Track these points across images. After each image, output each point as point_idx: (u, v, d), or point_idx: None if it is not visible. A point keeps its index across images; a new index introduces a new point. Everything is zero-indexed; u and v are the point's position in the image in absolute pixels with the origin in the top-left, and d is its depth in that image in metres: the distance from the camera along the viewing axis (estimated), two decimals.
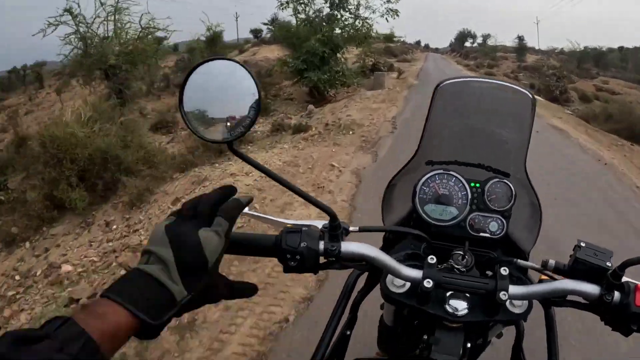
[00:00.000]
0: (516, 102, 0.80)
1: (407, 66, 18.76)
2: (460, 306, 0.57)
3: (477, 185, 0.70)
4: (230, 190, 0.48)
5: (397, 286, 0.59)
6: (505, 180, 0.69)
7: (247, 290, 0.50)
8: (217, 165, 4.83)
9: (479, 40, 55.03)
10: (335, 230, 0.55)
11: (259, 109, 0.47)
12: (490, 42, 49.58)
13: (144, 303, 0.36)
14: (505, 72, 18.81)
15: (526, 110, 0.77)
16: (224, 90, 0.49)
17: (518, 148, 0.77)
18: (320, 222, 0.58)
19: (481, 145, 0.79)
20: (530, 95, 0.78)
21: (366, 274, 0.72)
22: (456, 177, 0.70)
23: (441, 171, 0.70)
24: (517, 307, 0.58)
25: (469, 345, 0.61)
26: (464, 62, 29.34)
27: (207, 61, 0.47)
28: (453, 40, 66.62)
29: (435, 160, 0.75)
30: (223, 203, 0.46)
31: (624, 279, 0.53)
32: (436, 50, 71.05)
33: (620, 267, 0.52)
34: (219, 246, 0.43)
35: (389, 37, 47.86)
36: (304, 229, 0.54)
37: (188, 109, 0.47)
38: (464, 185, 0.70)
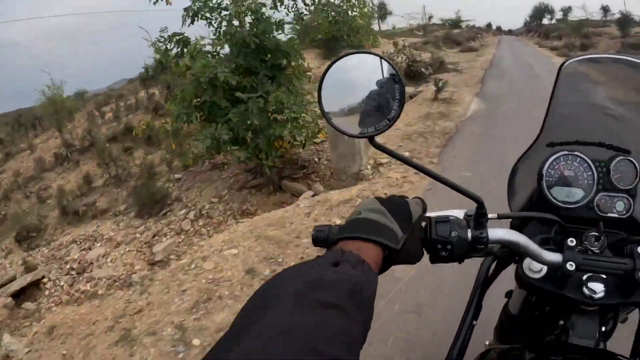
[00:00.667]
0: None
1: (472, 59, 15.94)
2: (598, 289, 0.58)
3: (603, 164, 0.71)
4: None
5: (534, 271, 0.62)
6: (629, 158, 0.70)
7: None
8: None
9: (558, 15, 47.32)
10: (482, 217, 0.57)
11: (403, 102, 0.49)
12: (571, 16, 43.83)
13: (383, 236, 0.46)
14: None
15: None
16: (363, 83, 0.50)
17: (636, 122, 0.77)
18: (459, 211, 0.60)
19: (601, 123, 0.80)
20: None
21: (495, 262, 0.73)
22: (581, 157, 0.71)
23: (566, 152, 0.72)
24: None
25: (603, 329, 0.63)
26: (547, 43, 24.78)
27: (343, 57, 0.49)
28: (527, 19, 58.90)
29: (556, 142, 0.77)
30: None
31: None
32: (509, 32, 64.00)
33: None
34: (419, 211, 0.55)
35: (456, 22, 43.49)
36: (451, 218, 0.56)
37: (329, 107, 0.50)
38: (589, 165, 0.71)
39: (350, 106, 0.50)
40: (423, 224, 0.56)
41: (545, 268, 0.62)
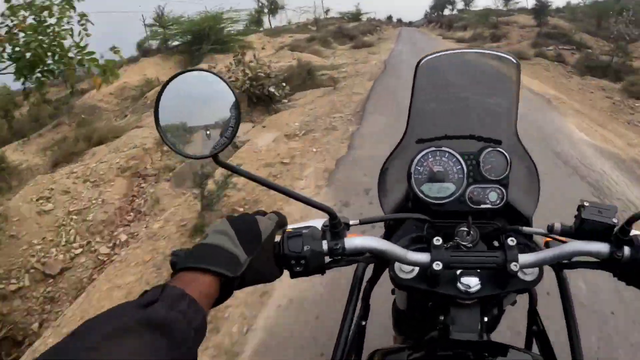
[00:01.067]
0: (500, 69, 0.84)
1: (362, 58, 12.14)
2: (472, 283, 0.59)
3: (472, 157, 0.73)
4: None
5: (406, 272, 0.62)
6: (498, 149, 0.73)
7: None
8: None
9: (460, 5, 48.24)
10: (336, 228, 0.57)
11: (239, 119, 0.50)
12: (472, 6, 44.83)
13: (219, 264, 0.46)
14: (518, 46, 12.18)
15: (511, 75, 0.81)
16: (201, 102, 0.51)
17: (507, 114, 0.81)
18: (319, 221, 0.61)
19: (469, 116, 0.82)
20: (514, 60, 0.82)
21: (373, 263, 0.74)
22: (449, 152, 0.73)
23: (433, 148, 0.73)
24: (529, 275, 0.61)
25: (485, 319, 0.65)
26: (451, 34, 23.33)
27: (178, 75, 0.50)
28: (428, 10, 60.15)
29: (425, 138, 0.78)
30: None
31: (633, 232, 0.56)
32: (410, 24, 65.21)
33: (627, 222, 0.55)
34: (270, 227, 0.55)
35: (356, 15, 41.35)
36: (304, 231, 0.56)
37: (165, 127, 0.50)
38: (458, 159, 0.73)
39: (189, 125, 0.51)
40: (278, 239, 0.56)
41: (417, 268, 0.62)
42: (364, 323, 0.81)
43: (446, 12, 49.22)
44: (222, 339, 1.84)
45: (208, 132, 0.50)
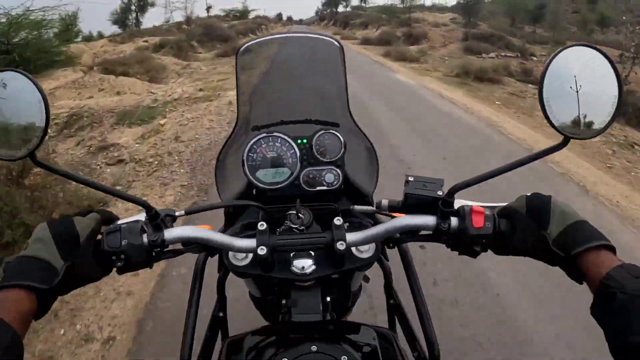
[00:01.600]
0: (325, 52, 0.87)
1: (221, 76, 8.42)
2: (306, 264, 0.61)
3: (304, 140, 0.75)
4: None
5: (240, 259, 0.64)
6: (331, 131, 0.75)
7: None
8: None
9: (354, 2, 48.21)
10: (154, 220, 0.58)
11: (49, 114, 0.51)
12: (369, 3, 45.79)
13: (31, 277, 0.47)
14: (445, 51, 8.87)
15: (336, 57, 0.85)
16: (11, 101, 0.51)
17: (339, 96, 0.86)
18: (143, 215, 0.60)
19: (306, 101, 0.87)
20: (337, 43, 0.86)
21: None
22: (281, 137, 0.75)
23: (264, 134, 0.75)
24: (365, 252, 0.64)
25: (328, 299, 0.67)
26: (351, 34, 21.64)
27: None
28: (320, 7, 59.58)
29: (261, 125, 0.80)
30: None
31: (460, 202, 0.59)
32: (300, 21, 63.50)
33: (448, 194, 0.57)
34: (90, 226, 0.55)
35: (244, 13, 37.57)
36: (123, 226, 0.56)
37: None
38: (290, 143, 0.75)
39: (4, 126, 0.51)
40: (100, 236, 0.57)
41: (250, 254, 0.63)
42: (221, 314, 0.85)
43: (340, 8, 48.47)
44: None
45: (22, 133, 0.51)
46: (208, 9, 42.91)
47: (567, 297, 1.86)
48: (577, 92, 0.49)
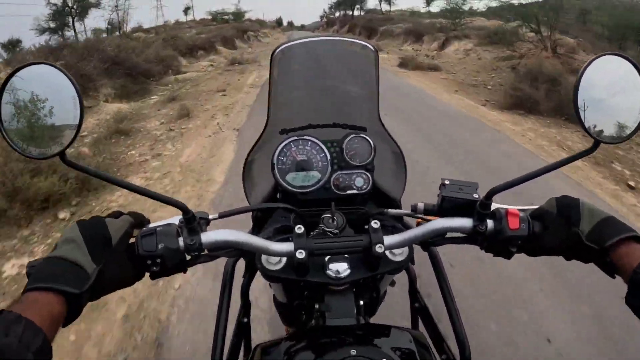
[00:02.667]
0: (359, 57, 0.91)
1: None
2: (341, 268, 0.64)
3: (335, 144, 0.80)
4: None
5: (273, 263, 0.66)
6: (362, 135, 0.81)
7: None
8: None
9: (370, 4, 44.84)
10: (191, 223, 0.60)
11: (83, 112, 0.52)
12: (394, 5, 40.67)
13: (62, 280, 0.47)
14: None
15: (370, 62, 0.89)
16: (44, 97, 0.52)
17: (369, 101, 0.90)
18: (177, 218, 0.63)
19: (334, 105, 0.91)
20: (372, 48, 0.90)
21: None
22: (312, 140, 0.79)
23: (295, 137, 0.79)
24: (398, 256, 0.67)
25: (361, 302, 0.71)
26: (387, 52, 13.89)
27: (18, 70, 0.51)
28: (327, 10, 55.54)
29: (289, 128, 0.84)
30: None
31: (494, 206, 0.63)
32: (302, 27, 61.78)
33: (486, 196, 0.61)
34: (122, 229, 0.57)
35: (238, 16, 36.28)
36: (158, 229, 0.58)
37: (9, 126, 0.51)
38: (320, 147, 0.79)
39: (34, 123, 0.52)
40: (133, 240, 0.59)
41: (285, 258, 0.66)
42: (245, 320, 0.87)
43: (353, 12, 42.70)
44: None
45: (54, 130, 0.52)
46: (186, 10, 37.63)
47: None
48: (607, 98, 0.56)
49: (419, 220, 0.71)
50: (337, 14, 45.57)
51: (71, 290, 0.47)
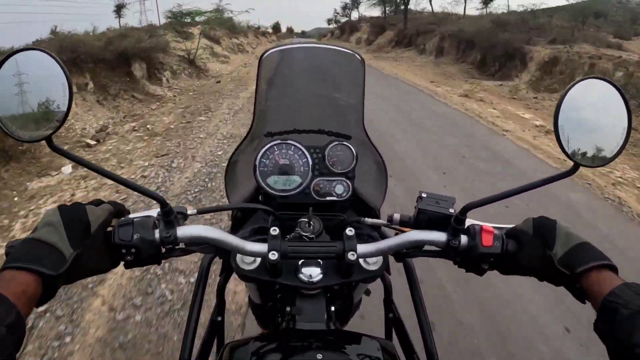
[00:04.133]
0: (346, 65, 0.96)
1: None
2: (313, 272, 0.66)
3: (317, 150, 0.82)
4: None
5: (248, 263, 0.68)
6: (345, 143, 0.83)
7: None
8: None
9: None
10: (168, 216, 0.61)
11: (72, 98, 0.54)
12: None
13: (39, 261, 0.50)
14: None
15: (357, 71, 0.93)
16: (35, 83, 0.54)
17: (355, 110, 0.94)
18: (156, 211, 0.64)
19: (320, 111, 0.94)
20: (359, 57, 0.94)
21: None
22: (295, 145, 0.82)
23: (279, 141, 0.82)
24: (372, 265, 0.69)
25: (333, 308, 0.73)
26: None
27: (11, 55, 0.53)
28: (339, 10, 47.41)
29: (274, 132, 0.86)
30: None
31: (470, 222, 0.66)
32: (303, 33, 60.83)
33: (461, 212, 0.63)
34: (102, 217, 0.59)
35: (225, 20, 24.23)
36: (135, 220, 0.60)
37: (0, 107, 0.53)
38: (303, 152, 0.82)
39: (24, 106, 0.54)
40: (111, 229, 0.61)
41: (258, 259, 0.68)
42: (219, 319, 0.89)
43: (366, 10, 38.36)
44: None
45: (43, 114, 0.54)
46: (118, 9, 22.40)
47: None
48: (589, 122, 0.59)
49: (397, 231, 0.73)
50: (355, 14, 39.61)
51: (48, 272, 0.50)
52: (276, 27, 61.40)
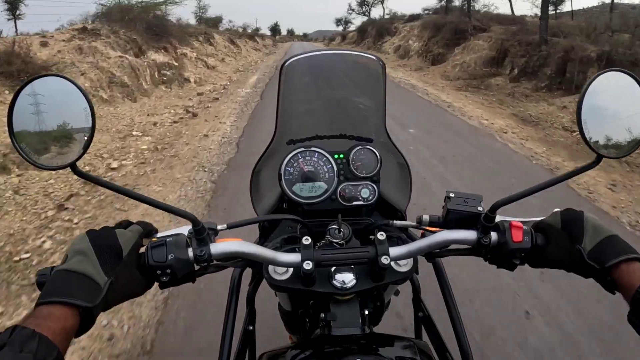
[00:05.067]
0: (367, 69, 0.97)
1: None
2: (347, 278, 0.67)
3: (341, 156, 0.85)
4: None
5: (280, 273, 0.69)
6: (368, 146, 0.86)
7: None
8: None
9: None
10: (201, 234, 0.63)
11: (94, 123, 0.55)
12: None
13: (75, 294, 0.50)
14: None
15: (378, 75, 0.94)
16: (56, 109, 0.55)
17: (376, 113, 0.95)
18: (185, 228, 0.66)
19: (341, 116, 0.97)
20: (380, 61, 0.94)
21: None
22: (319, 151, 0.84)
23: (302, 149, 0.84)
24: (403, 266, 0.71)
25: (366, 312, 0.75)
26: None
27: (32, 80, 0.54)
28: (356, 7, 37.33)
29: (296, 139, 0.89)
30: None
31: (498, 218, 0.67)
32: (305, 36, 59.71)
33: (490, 209, 0.65)
34: (133, 239, 0.60)
35: (214, 22, 25.48)
36: (168, 239, 0.60)
37: (20, 135, 0.54)
38: (327, 158, 0.84)
39: (45, 133, 0.55)
40: (142, 249, 0.61)
41: (290, 269, 0.69)
42: (251, 328, 0.91)
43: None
44: None
45: (65, 141, 0.55)
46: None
47: None
48: (610, 114, 0.61)
49: (423, 232, 0.74)
50: (376, 11, 32.81)
51: (84, 304, 0.50)
52: (275, 30, 57.24)
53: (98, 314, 0.53)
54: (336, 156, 0.84)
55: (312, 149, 0.83)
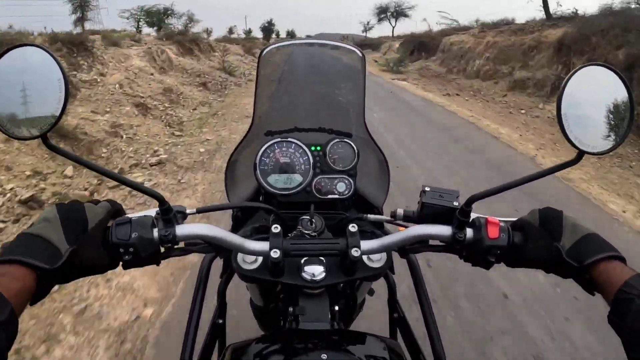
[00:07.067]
0: (346, 61, 0.99)
1: None
2: (316, 271, 0.67)
3: (318, 148, 0.86)
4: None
5: (249, 262, 0.70)
6: (346, 140, 0.87)
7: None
8: None
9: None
10: (167, 214, 0.63)
11: (68, 94, 0.55)
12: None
13: (34, 255, 0.51)
14: None
15: (357, 67, 0.97)
16: (30, 79, 0.56)
17: (355, 107, 0.97)
18: (154, 210, 0.65)
19: (320, 109, 0.98)
20: (359, 53, 0.97)
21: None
22: (295, 143, 0.85)
23: (279, 139, 0.85)
24: (376, 262, 0.71)
25: (336, 308, 0.76)
26: None
27: (7, 51, 0.55)
28: (379, 9, 37.19)
29: (275, 130, 0.90)
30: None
31: (475, 215, 0.67)
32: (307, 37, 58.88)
33: (466, 203, 0.65)
34: (100, 215, 0.61)
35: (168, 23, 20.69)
36: (134, 218, 0.61)
37: None
38: (304, 150, 0.85)
39: (18, 104, 0.55)
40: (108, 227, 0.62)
41: (260, 258, 0.69)
42: (220, 321, 0.94)
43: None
44: None
45: (39, 111, 0.55)
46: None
47: None
48: (592, 109, 0.61)
49: (400, 228, 0.74)
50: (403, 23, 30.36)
51: (42, 265, 0.50)
52: (268, 30, 45.59)
53: (55, 283, 0.54)
54: (313, 148, 0.84)
55: (289, 140, 0.84)
